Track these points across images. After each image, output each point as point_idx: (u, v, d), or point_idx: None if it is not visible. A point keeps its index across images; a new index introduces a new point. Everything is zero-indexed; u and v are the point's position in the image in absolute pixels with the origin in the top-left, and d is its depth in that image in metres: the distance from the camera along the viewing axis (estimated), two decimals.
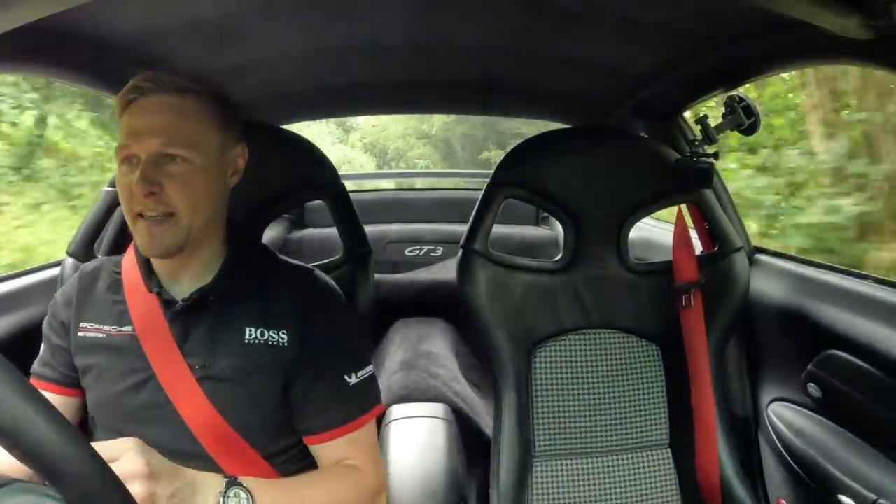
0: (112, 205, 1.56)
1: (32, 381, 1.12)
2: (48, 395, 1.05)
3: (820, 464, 1.33)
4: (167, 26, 1.22)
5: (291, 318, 1.11)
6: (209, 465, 1.02)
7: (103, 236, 1.60)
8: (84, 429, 1.19)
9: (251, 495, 0.94)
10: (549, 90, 1.86)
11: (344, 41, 1.42)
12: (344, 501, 1.08)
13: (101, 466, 0.60)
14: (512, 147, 1.56)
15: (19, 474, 0.58)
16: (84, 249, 1.56)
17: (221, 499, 0.92)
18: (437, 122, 15.64)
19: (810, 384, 1.42)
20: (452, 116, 13.72)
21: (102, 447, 0.83)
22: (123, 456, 0.84)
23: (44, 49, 1.16)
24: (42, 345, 1.17)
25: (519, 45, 1.45)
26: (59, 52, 1.21)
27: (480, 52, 1.52)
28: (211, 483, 0.93)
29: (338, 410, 1.11)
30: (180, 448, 1.02)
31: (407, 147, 16.87)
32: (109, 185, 1.58)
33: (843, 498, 1.27)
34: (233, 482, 0.94)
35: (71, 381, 1.13)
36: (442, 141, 16.57)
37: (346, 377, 1.12)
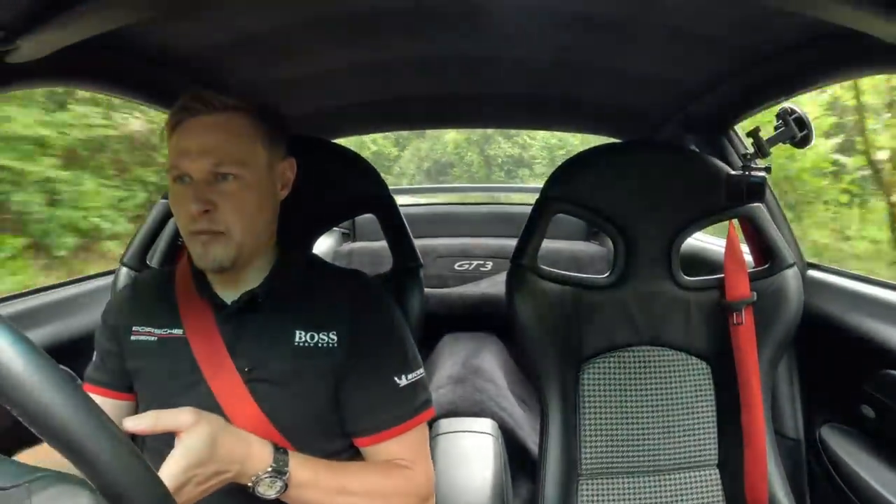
0: (166, 216, 1.61)
1: (86, 386, 1.17)
2: (100, 399, 1.09)
3: (873, 488, 1.29)
4: (220, 42, 1.26)
5: (341, 320, 1.12)
6: None
7: (156, 247, 1.65)
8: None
9: (285, 482, 0.96)
10: (598, 104, 1.86)
11: (392, 56, 1.44)
12: (390, 496, 1.07)
13: (148, 472, 0.61)
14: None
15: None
16: (138, 259, 1.60)
17: (256, 481, 0.94)
18: None
19: (864, 405, 1.38)
20: None
21: (161, 417, 0.89)
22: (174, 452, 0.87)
23: (101, 64, 1.20)
24: (95, 352, 1.21)
25: (567, 59, 1.45)
26: (115, 68, 1.25)
27: (528, 66, 1.52)
28: (261, 458, 0.96)
29: (388, 412, 1.11)
30: None
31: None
32: (164, 198, 1.62)
33: None
34: (279, 461, 0.96)
35: (122, 386, 1.16)
36: None
37: (395, 378, 1.12)
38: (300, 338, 1.10)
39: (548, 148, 15.45)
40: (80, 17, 0.84)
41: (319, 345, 1.10)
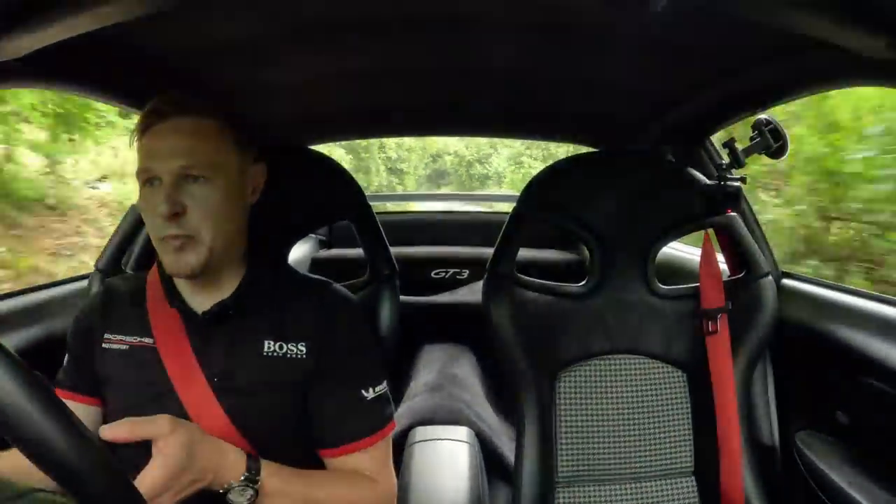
0: (140, 221, 1.59)
1: (57, 390, 1.15)
2: (70, 404, 1.08)
3: (848, 494, 1.30)
4: (198, 47, 1.25)
5: (310, 331, 1.13)
6: None
7: (131, 251, 1.63)
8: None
9: (256, 489, 0.96)
10: (575, 113, 1.87)
11: (371, 64, 1.44)
12: None
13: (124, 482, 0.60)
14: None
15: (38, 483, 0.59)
16: (112, 264, 1.58)
17: (228, 489, 0.95)
18: None
19: (838, 412, 1.39)
20: None
21: (138, 426, 0.89)
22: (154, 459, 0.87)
23: (79, 67, 1.19)
24: (66, 356, 1.20)
25: (544, 68, 1.46)
26: (93, 71, 1.24)
27: (506, 75, 1.53)
28: (235, 467, 0.96)
29: (354, 424, 1.12)
30: None
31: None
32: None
33: None
34: (252, 469, 0.97)
35: (92, 391, 1.15)
36: None
37: (362, 391, 1.13)
38: (269, 347, 1.11)
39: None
40: (57, 19, 0.82)
41: (288, 355, 1.11)
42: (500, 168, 15.92)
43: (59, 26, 0.84)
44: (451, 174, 16.99)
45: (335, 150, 12.44)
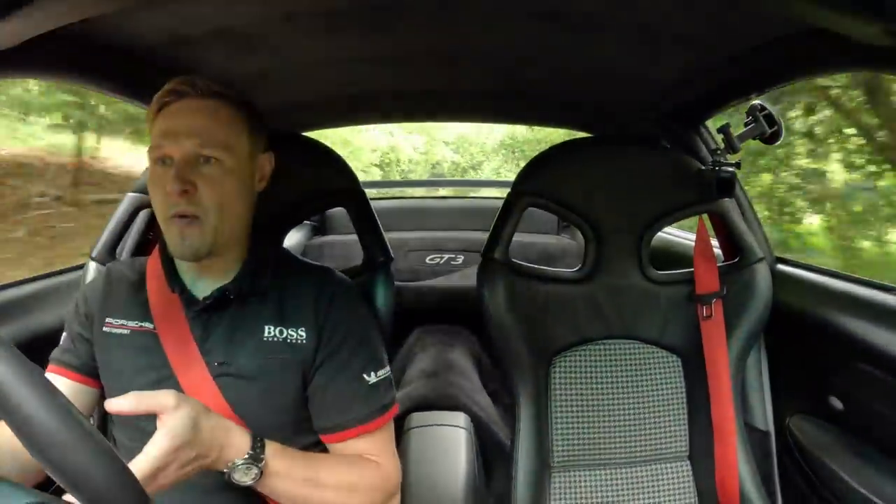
0: (135, 210, 1.58)
1: (52, 367, 1.15)
2: (66, 382, 1.10)
3: (841, 478, 1.32)
4: (192, 34, 1.24)
5: (310, 316, 1.13)
6: None
7: (125, 241, 1.62)
8: (104, 423, 1.21)
9: (261, 469, 0.96)
10: (571, 99, 1.86)
11: (366, 49, 1.43)
12: (360, 489, 1.08)
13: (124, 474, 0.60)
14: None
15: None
16: (107, 254, 1.58)
17: (232, 468, 0.94)
18: None
19: (832, 397, 1.40)
20: None
21: (143, 399, 0.88)
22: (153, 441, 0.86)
23: (71, 56, 1.18)
24: (64, 333, 1.20)
25: (540, 54, 1.45)
26: (85, 59, 1.23)
27: (501, 61, 1.52)
28: (239, 445, 0.95)
29: (358, 409, 1.12)
30: None
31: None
32: (134, 191, 1.60)
33: None
34: (256, 448, 0.96)
35: (89, 371, 1.15)
36: None
37: (365, 376, 1.13)
38: (269, 333, 1.11)
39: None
40: (48, 7, 0.82)
41: (288, 340, 1.11)
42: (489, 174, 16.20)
43: (47, 16, 0.84)
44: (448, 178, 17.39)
45: (371, 170, 12.72)
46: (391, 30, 1.31)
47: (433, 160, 14.10)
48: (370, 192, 1.52)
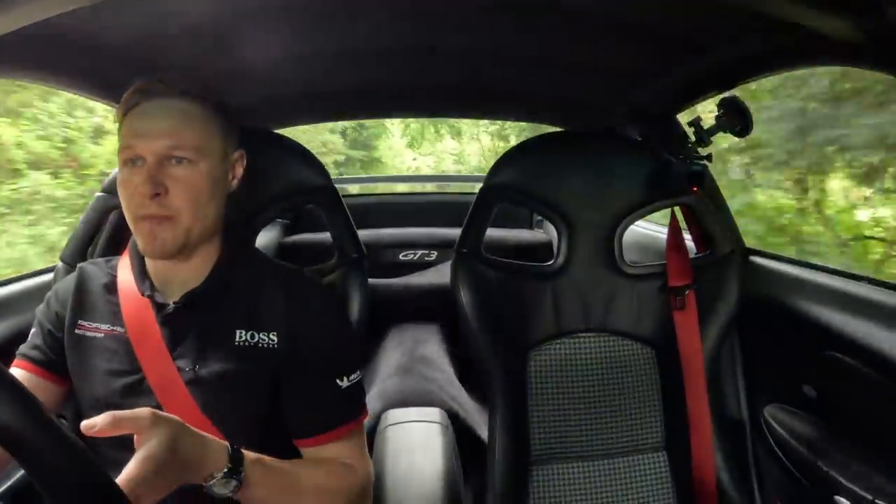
0: (105, 210, 1.55)
1: (18, 362, 1.13)
2: (33, 378, 1.08)
3: (816, 465, 1.34)
4: (161, 31, 1.22)
5: (282, 320, 1.11)
6: None
7: (96, 243, 1.59)
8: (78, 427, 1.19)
9: (240, 480, 0.92)
10: (543, 93, 1.86)
11: (336, 45, 1.42)
12: (337, 493, 1.08)
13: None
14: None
15: None
16: (77, 256, 1.55)
17: (211, 482, 0.91)
18: None
19: (805, 385, 1.42)
20: None
21: (120, 419, 0.83)
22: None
23: (37, 55, 1.16)
24: (33, 329, 1.17)
25: (512, 48, 1.45)
26: (52, 58, 1.21)
27: (473, 55, 1.52)
28: (217, 458, 0.92)
29: (332, 413, 1.11)
30: None
31: None
32: (102, 191, 1.56)
33: (839, 499, 1.27)
34: (234, 461, 0.93)
35: (57, 369, 1.12)
36: None
37: (338, 381, 1.13)
38: (240, 337, 1.10)
39: None
40: (12, 5, 0.79)
41: (260, 345, 1.10)
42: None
43: (12, 14, 0.82)
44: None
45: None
46: (361, 24, 1.30)
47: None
48: (346, 189, 1.51)
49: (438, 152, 14.58)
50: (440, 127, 14.03)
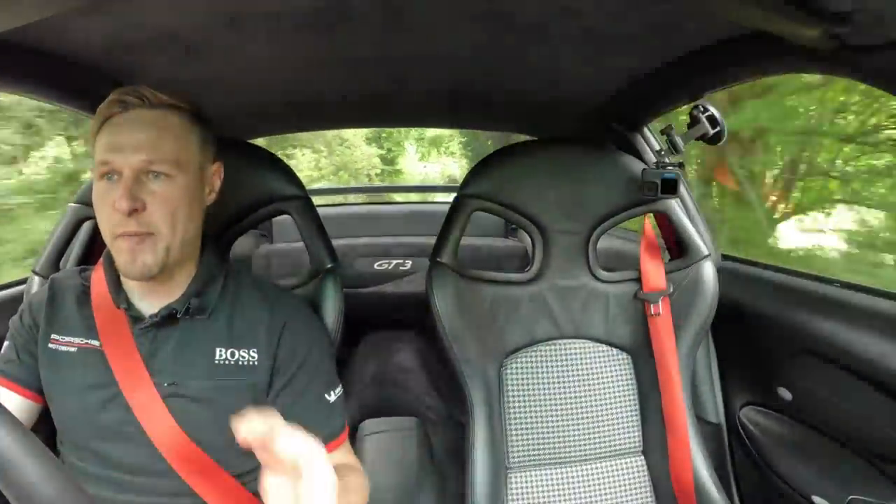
0: (78, 221, 1.52)
1: None
2: (6, 393, 1.05)
3: (792, 465, 1.35)
4: (133, 40, 1.21)
5: (262, 339, 1.10)
6: (178, 484, 1.01)
7: (69, 254, 1.56)
8: (52, 443, 1.16)
9: None
10: (516, 102, 1.87)
11: (311, 54, 1.41)
12: (363, 492, 1.10)
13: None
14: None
15: None
16: (51, 267, 1.52)
17: None
18: None
19: (780, 388, 1.44)
20: None
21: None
22: None
23: (9, 64, 1.14)
24: (7, 342, 1.15)
25: (485, 58, 1.45)
26: (25, 67, 1.19)
27: (447, 65, 1.52)
28: None
29: (323, 428, 1.11)
30: (148, 467, 1.01)
31: None
32: (76, 202, 1.54)
33: (815, 498, 1.29)
34: None
35: (32, 384, 1.10)
36: None
37: (326, 396, 1.13)
38: (220, 355, 1.08)
39: None
40: None
41: (240, 362, 1.09)
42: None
43: None
44: None
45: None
46: (336, 34, 1.30)
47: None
48: (318, 200, 1.50)
49: (445, 161, 15.35)
50: (448, 142, 14.93)
